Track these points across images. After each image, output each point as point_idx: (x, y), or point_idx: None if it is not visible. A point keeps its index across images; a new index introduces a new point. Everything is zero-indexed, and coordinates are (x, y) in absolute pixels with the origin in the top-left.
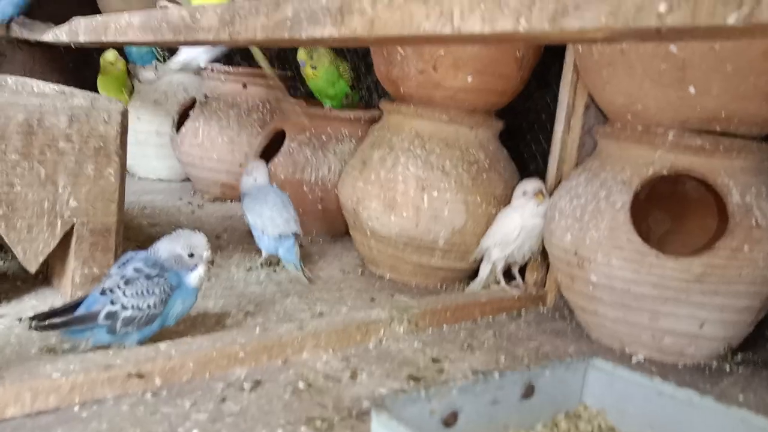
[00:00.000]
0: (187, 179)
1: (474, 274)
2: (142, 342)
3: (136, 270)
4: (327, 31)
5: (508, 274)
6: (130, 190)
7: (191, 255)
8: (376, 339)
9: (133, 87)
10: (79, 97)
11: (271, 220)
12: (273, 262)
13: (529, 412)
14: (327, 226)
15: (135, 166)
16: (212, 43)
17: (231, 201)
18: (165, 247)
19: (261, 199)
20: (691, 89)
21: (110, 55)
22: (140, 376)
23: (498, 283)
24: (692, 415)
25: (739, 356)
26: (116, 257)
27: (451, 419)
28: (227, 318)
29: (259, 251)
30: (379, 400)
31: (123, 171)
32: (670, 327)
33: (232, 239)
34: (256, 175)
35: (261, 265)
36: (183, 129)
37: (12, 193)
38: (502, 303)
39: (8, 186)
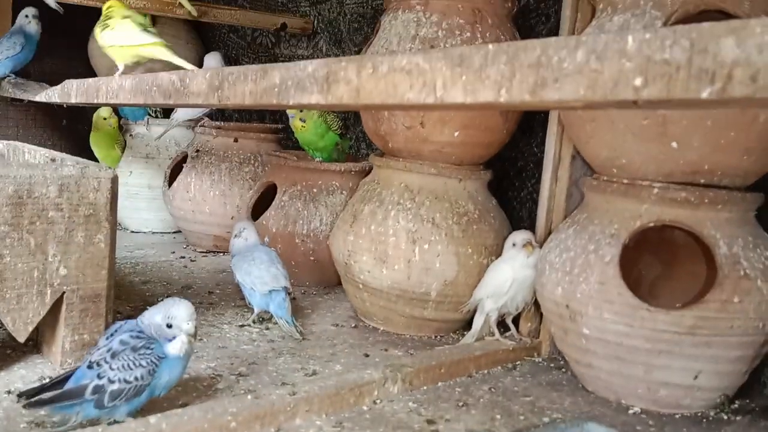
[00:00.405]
0: (180, 231)
1: (468, 323)
2: (131, 414)
3: (122, 342)
4: (314, 98)
5: (502, 324)
6: (122, 245)
7: (169, 326)
8: (369, 400)
9: (125, 142)
10: (70, 165)
11: (259, 279)
12: (265, 318)
13: None
14: (319, 277)
15: (127, 220)
16: (202, 107)
17: (224, 253)
18: (149, 317)
19: (248, 258)
20: (674, 144)
21: (104, 112)
22: None
23: (492, 334)
24: None
25: (737, 404)
26: (107, 322)
27: None
28: (219, 381)
29: (251, 307)
30: None
31: (113, 236)
32: (665, 379)
33: (225, 295)
34: (246, 235)
35: (253, 321)
36: (175, 184)
37: (1, 263)
38: (497, 355)
39: None
